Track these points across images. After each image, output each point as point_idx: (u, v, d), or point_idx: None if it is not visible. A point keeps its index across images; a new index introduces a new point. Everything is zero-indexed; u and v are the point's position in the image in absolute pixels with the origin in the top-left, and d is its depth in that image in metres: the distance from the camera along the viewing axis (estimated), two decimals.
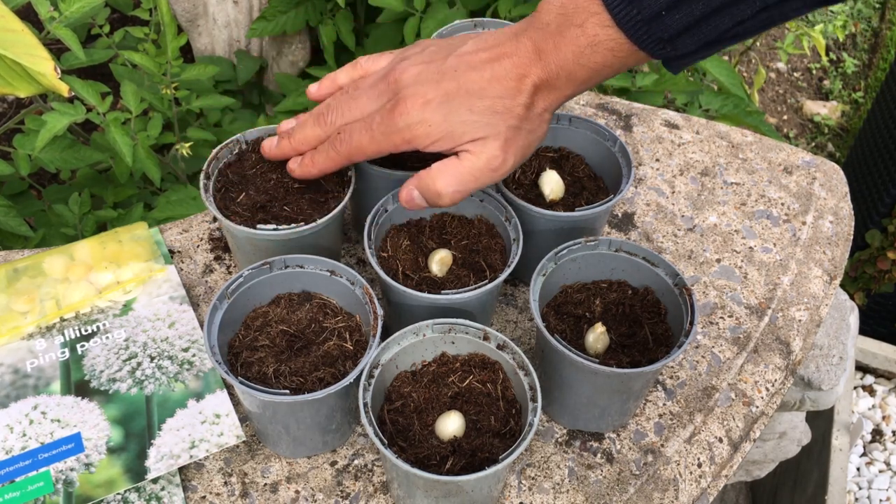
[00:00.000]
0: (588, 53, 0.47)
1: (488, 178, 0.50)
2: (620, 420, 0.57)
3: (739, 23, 0.43)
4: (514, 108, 0.49)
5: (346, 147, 0.53)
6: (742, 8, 0.43)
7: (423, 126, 0.49)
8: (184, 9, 1.22)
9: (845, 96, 2.05)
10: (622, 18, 0.45)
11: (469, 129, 0.49)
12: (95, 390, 0.57)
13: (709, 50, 0.46)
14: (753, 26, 0.44)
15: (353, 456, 0.56)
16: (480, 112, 0.49)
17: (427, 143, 0.50)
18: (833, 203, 0.75)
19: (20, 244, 0.91)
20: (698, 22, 0.43)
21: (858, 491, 1.29)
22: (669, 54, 0.46)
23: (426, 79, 0.50)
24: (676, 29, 0.44)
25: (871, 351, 1.36)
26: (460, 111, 0.49)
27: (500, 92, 0.48)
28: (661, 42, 0.45)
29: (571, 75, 0.48)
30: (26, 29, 0.70)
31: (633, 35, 0.45)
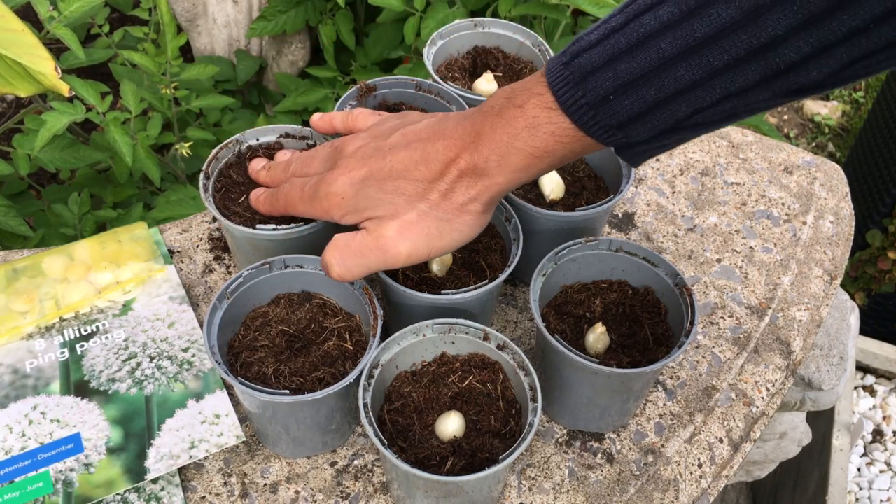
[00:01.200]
0: (525, 136, 0.43)
1: (377, 259, 0.48)
2: (621, 420, 0.57)
3: (698, 111, 0.39)
4: (429, 192, 0.46)
5: (283, 200, 0.53)
6: (700, 95, 0.39)
7: (336, 198, 0.49)
8: (183, 8, 1.22)
9: (846, 96, 2.05)
10: (566, 101, 0.41)
11: (371, 205, 0.47)
12: (95, 390, 0.57)
13: (667, 139, 0.42)
14: (716, 116, 0.40)
15: (353, 456, 0.56)
16: (388, 191, 0.47)
17: (339, 215, 0.49)
18: (833, 203, 0.75)
19: (19, 244, 0.91)
20: (651, 109, 0.40)
21: (859, 491, 1.29)
22: (621, 142, 0.42)
23: (361, 154, 0.49)
24: (626, 115, 0.40)
25: (872, 351, 1.36)
26: (371, 188, 0.47)
27: (420, 174, 0.46)
28: (610, 129, 0.41)
29: (503, 160, 0.44)
30: (26, 28, 0.69)
31: (578, 119, 0.41)
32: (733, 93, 0.38)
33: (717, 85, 0.38)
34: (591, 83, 0.40)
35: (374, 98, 0.66)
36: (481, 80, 0.67)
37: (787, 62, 0.37)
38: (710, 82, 0.38)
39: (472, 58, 0.71)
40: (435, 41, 0.70)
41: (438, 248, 0.48)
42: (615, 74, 0.40)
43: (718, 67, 0.38)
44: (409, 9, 1.04)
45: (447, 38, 0.70)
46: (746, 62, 0.37)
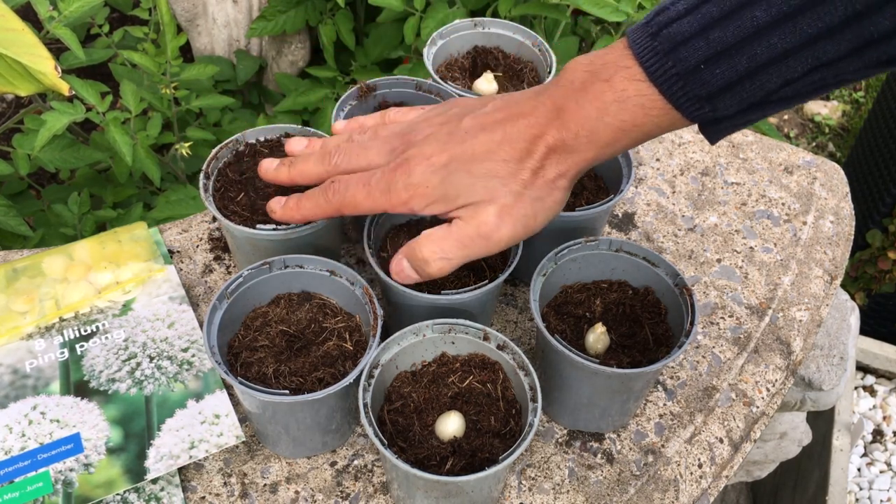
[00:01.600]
0: (614, 110, 0.42)
1: (480, 247, 0.47)
2: (621, 420, 0.57)
3: (788, 83, 0.39)
4: (520, 172, 0.45)
5: (338, 198, 0.50)
6: (791, 65, 0.38)
7: (420, 188, 0.46)
8: (183, 8, 1.22)
9: (846, 96, 2.05)
10: (655, 72, 0.41)
11: (463, 192, 0.46)
12: (95, 390, 0.56)
13: (753, 114, 0.41)
14: (804, 89, 0.39)
15: (353, 456, 0.56)
16: (479, 175, 0.45)
17: (422, 206, 0.47)
18: (834, 203, 0.75)
19: (19, 244, 0.91)
20: (742, 79, 0.39)
21: (859, 491, 1.29)
22: (708, 116, 0.41)
23: (435, 140, 0.47)
24: (717, 85, 0.40)
25: (872, 351, 1.36)
26: (459, 174, 0.46)
27: (507, 154, 0.45)
28: (699, 100, 0.41)
29: (593, 135, 0.43)
30: (26, 28, 0.69)
31: (667, 90, 0.41)
32: (824, 62, 0.38)
33: (809, 54, 0.38)
34: (682, 52, 0.40)
35: (374, 98, 0.66)
36: (481, 79, 0.67)
37: (881, 31, 0.36)
38: (802, 51, 0.38)
39: (472, 58, 0.71)
40: (435, 41, 0.70)
41: (533, 228, 0.47)
42: (707, 43, 0.39)
43: (812, 35, 0.37)
44: (409, 9, 1.04)
45: (447, 37, 0.70)
46: (840, 31, 0.37)
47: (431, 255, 0.47)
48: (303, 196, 0.52)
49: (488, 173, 0.45)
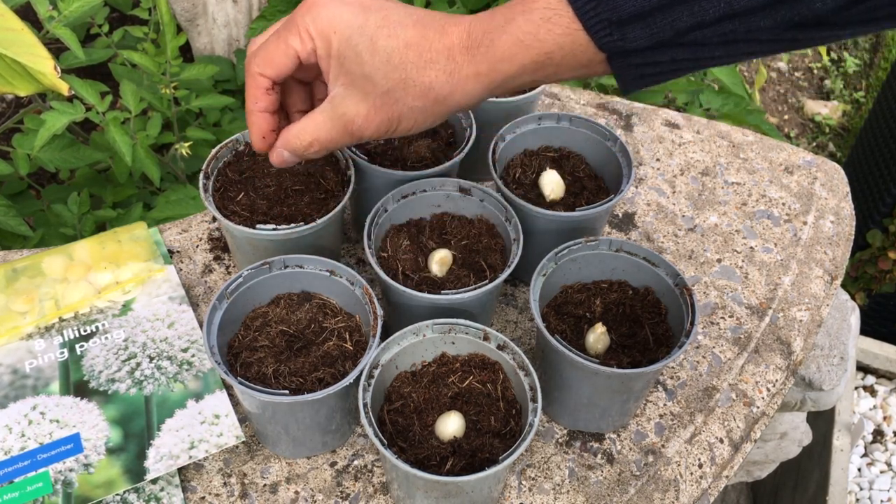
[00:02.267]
0: (519, 21, 0.41)
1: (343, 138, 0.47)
2: (621, 420, 0.57)
3: (699, 25, 0.38)
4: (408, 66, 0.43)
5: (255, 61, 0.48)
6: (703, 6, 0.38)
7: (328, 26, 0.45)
8: (183, 8, 1.22)
9: (846, 96, 2.05)
10: None
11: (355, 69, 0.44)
12: (94, 391, 0.56)
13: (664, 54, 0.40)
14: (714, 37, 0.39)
15: (353, 456, 0.56)
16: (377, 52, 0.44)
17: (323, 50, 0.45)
18: (834, 203, 0.75)
19: (19, 244, 0.91)
20: (653, 10, 0.38)
21: (860, 492, 1.29)
22: (616, 44, 0.40)
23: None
24: (628, 11, 0.39)
25: (872, 351, 1.36)
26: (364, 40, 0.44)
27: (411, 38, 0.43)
28: (609, 25, 0.39)
29: (493, 43, 0.42)
30: (26, 28, 0.69)
31: (578, 6, 0.40)
32: (737, 11, 0.38)
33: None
34: None
35: None
36: None
37: None
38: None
39: None
40: None
41: (396, 130, 0.47)
42: None
43: None
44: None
45: None
46: None
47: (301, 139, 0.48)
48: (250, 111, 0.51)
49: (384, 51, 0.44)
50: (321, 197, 0.59)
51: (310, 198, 0.59)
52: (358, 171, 0.60)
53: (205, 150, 1.02)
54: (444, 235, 0.59)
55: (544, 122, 0.65)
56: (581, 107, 0.82)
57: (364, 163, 0.59)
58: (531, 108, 0.69)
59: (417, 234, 0.59)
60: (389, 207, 0.58)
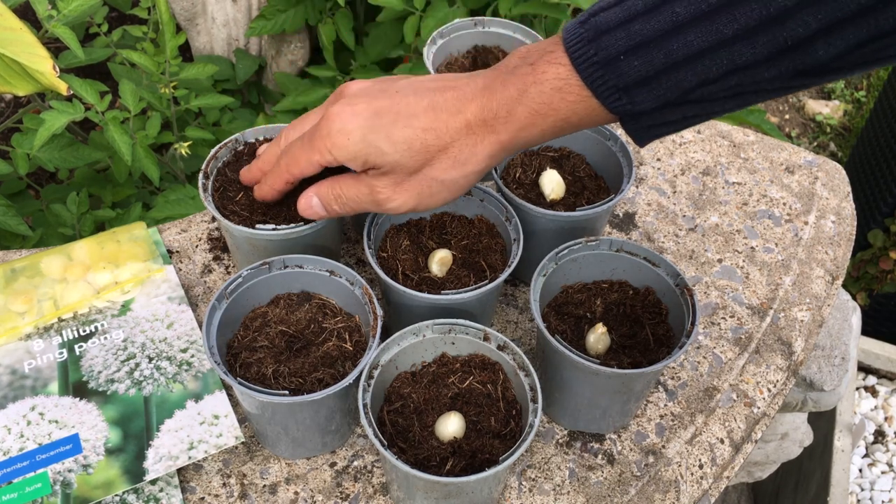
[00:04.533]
0: (533, 92, 0.43)
1: (370, 207, 0.50)
2: (621, 421, 0.57)
3: (704, 83, 0.40)
4: (430, 147, 0.46)
5: (285, 160, 0.51)
6: (707, 65, 0.39)
7: (342, 136, 0.47)
8: (182, 7, 1.22)
9: (847, 95, 2.05)
10: (577, 57, 0.41)
11: (376, 160, 0.47)
12: (93, 391, 0.56)
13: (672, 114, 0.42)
14: (721, 92, 0.40)
15: (353, 457, 0.55)
16: (395, 143, 0.46)
17: (344, 158, 0.48)
18: (835, 203, 0.75)
19: (18, 244, 0.91)
20: (658, 74, 0.40)
21: (861, 492, 1.29)
22: (626, 108, 0.42)
23: (366, 94, 0.48)
24: (633, 77, 0.40)
25: (874, 351, 1.36)
26: (380, 136, 0.46)
27: (427, 123, 0.46)
28: (617, 91, 0.41)
29: (511, 115, 0.44)
30: (25, 27, 0.69)
31: (587, 77, 0.41)
32: (741, 66, 0.39)
33: (725, 56, 0.39)
34: (604, 41, 0.41)
35: None
36: None
37: (795, 37, 0.37)
38: (717, 52, 0.39)
39: (473, 57, 0.71)
40: (435, 40, 0.69)
41: (427, 204, 0.49)
42: (628, 34, 0.40)
43: (728, 37, 0.38)
44: (408, 8, 1.04)
45: (447, 37, 0.70)
46: (755, 34, 0.38)
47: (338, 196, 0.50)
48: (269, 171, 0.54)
49: (403, 142, 0.46)
50: None
51: None
52: None
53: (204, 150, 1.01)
54: (444, 235, 0.59)
55: None
56: None
57: None
58: None
59: (417, 234, 0.59)
60: None
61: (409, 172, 0.47)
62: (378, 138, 0.46)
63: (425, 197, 0.48)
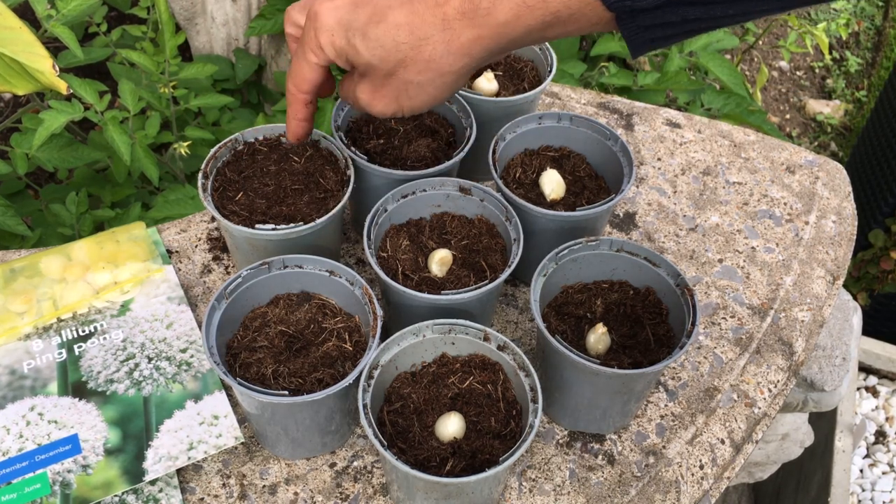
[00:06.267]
0: None
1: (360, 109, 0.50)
2: (622, 421, 0.57)
3: None
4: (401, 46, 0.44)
5: (292, 81, 0.51)
6: None
7: (327, 34, 0.47)
8: (182, 7, 1.22)
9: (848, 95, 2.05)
10: None
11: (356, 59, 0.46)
12: (93, 391, 0.56)
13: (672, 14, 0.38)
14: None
15: (353, 457, 0.55)
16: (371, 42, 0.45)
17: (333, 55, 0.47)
18: (836, 203, 0.75)
19: (17, 244, 0.90)
20: None
21: (861, 493, 1.28)
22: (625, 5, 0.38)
23: None
24: None
25: (875, 352, 1.36)
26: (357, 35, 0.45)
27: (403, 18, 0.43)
28: None
29: (495, 5, 0.41)
30: (24, 26, 0.69)
31: None
32: None
33: None
34: None
35: None
36: (481, 78, 0.67)
37: None
38: None
39: None
40: None
41: (409, 107, 0.48)
42: None
43: None
44: None
45: None
46: None
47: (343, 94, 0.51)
48: None
49: (375, 40, 0.45)
50: (320, 197, 0.58)
51: (309, 197, 0.58)
52: (357, 171, 0.59)
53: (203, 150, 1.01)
54: (444, 235, 0.59)
55: (545, 121, 0.64)
56: (582, 106, 0.81)
57: (363, 162, 0.59)
58: (531, 107, 0.68)
59: (417, 234, 0.58)
60: (389, 207, 0.58)
61: (384, 75, 0.46)
62: (355, 35, 0.46)
63: (404, 100, 0.47)
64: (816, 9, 2.19)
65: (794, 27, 1.32)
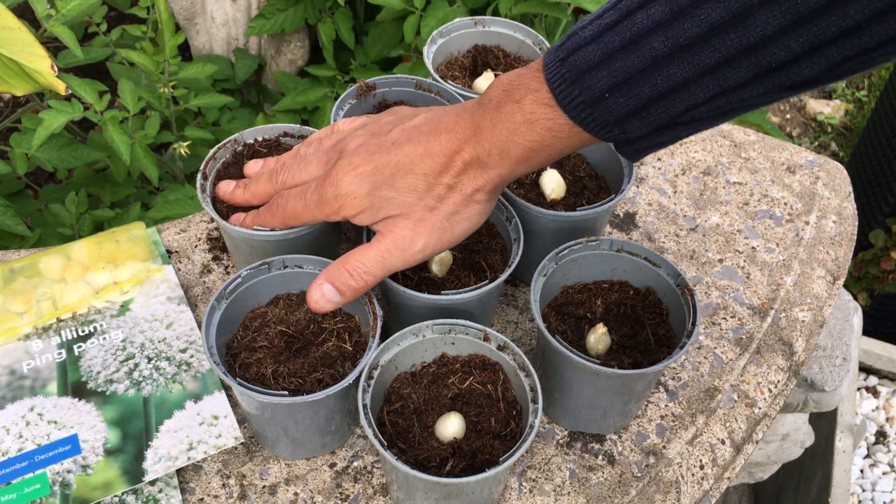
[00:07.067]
0: (523, 131, 0.44)
1: (397, 259, 0.49)
2: (622, 421, 0.57)
3: (692, 107, 0.40)
4: (436, 186, 0.47)
5: (280, 213, 0.52)
6: (694, 91, 0.39)
7: (348, 198, 0.49)
8: (181, 7, 1.22)
9: (849, 95, 2.05)
10: (563, 99, 0.42)
11: (385, 205, 0.48)
12: (92, 392, 0.56)
13: (664, 135, 0.42)
14: (711, 112, 0.40)
15: (353, 458, 0.55)
16: (400, 189, 0.47)
17: (353, 215, 0.49)
18: (836, 203, 0.75)
19: (17, 244, 0.90)
20: (646, 105, 0.40)
21: (862, 493, 1.28)
22: (619, 137, 0.43)
23: (364, 151, 0.49)
24: (622, 112, 0.41)
25: (875, 352, 1.36)
26: (383, 187, 0.48)
27: (427, 168, 0.47)
28: (607, 125, 0.42)
29: (505, 153, 0.45)
30: (23, 26, 0.69)
31: (576, 117, 0.42)
32: (727, 89, 0.39)
33: (710, 82, 0.39)
34: (587, 81, 0.41)
35: (374, 97, 0.66)
36: (482, 78, 0.67)
37: (779, 61, 0.37)
38: (702, 80, 0.39)
39: (473, 56, 0.71)
40: (435, 40, 0.69)
41: (450, 239, 0.49)
42: (610, 73, 0.40)
43: (710, 66, 0.38)
44: (408, 7, 1.04)
45: (447, 36, 0.70)
46: (737, 60, 0.37)
47: (354, 269, 0.50)
48: (255, 212, 0.55)
49: (408, 187, 0.47)
50: None
51: None
52: None
53: (203, 150, 1.01)
54: None
55: None
56: None
57: None
58: None
59: None
60: None
61: (422, 210, 0.48)
62: (382, 189, 0.48)
63: (447, 231, 0.49)
64: None
65: None
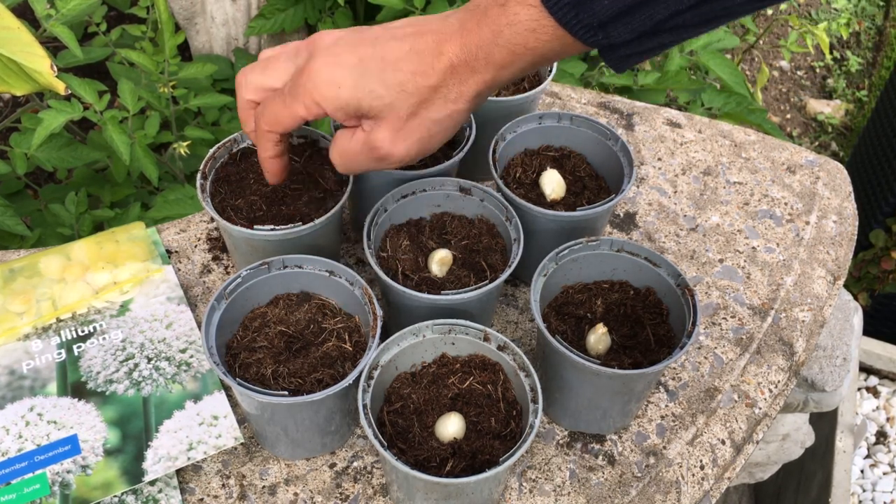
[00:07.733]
0: (507, 34, 0.44)
1: (372, 164, 0.49)
2: (622, 422, 0.57)
3: (677, 13, 0.40)
4: (422, 88, 0.46)
5: (266, 121, 0.50)
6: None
7: (331, 87, 0.46)
8: (181, 7, 1.22)
9: (849, 95, 2.04)
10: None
11: (372, 102, 0.46)
12: (92, 392, 0.56)
13: (648, 41, 0.42)
14: (694, 19, 0.41)
15: (353, 458, 0.55)
16: (390, 86, 0.46)
17: (333, 107, 0.47)
18: (837, 203, 0.74)
19: (16, 244, 0.90)
20: (631, 9, 0.40)
21: (862, 493, 1.28)
22: (602, 42, 0.42)
23: (344, 42, 0.47)
24: (606, 15, 0.41)
25: (875, 352, 1.36)
26: (371, 80, 0.46)
27: (414, 67, 0.46)
28: (591, 28, 0.42)
29: (489, 56, 0.45)
30: (23, 26, 0.69)
31: (561, 18, 0.42)
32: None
33: None
34: None
35: None
36: None
37: None
38: None
39: None
40: None
41: (428, 148, 0.49)
42: None
43: None
44: (408, 7, 1.04)
45: None
46: None
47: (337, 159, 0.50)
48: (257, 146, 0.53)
49: (397, 85, 0.46)
50: (320, 197, 0.58)
51: (308, 197, 0.58)
52: None
53: (203, 150, 1.01)
54: (444, 235, 0.59)
55: (545, 121, 0.64)
56: (582, 106, 0.81)
57: None
58: (532, 107, 0.68)
59: (417, 234, 0.58)
60: (389, 207, 0.58)
61: (406, 116, 0.47)
62: (370, 82, 0.46)
63: (425, 141, 0.48)
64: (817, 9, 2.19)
65: (795, 27, 1.32)
